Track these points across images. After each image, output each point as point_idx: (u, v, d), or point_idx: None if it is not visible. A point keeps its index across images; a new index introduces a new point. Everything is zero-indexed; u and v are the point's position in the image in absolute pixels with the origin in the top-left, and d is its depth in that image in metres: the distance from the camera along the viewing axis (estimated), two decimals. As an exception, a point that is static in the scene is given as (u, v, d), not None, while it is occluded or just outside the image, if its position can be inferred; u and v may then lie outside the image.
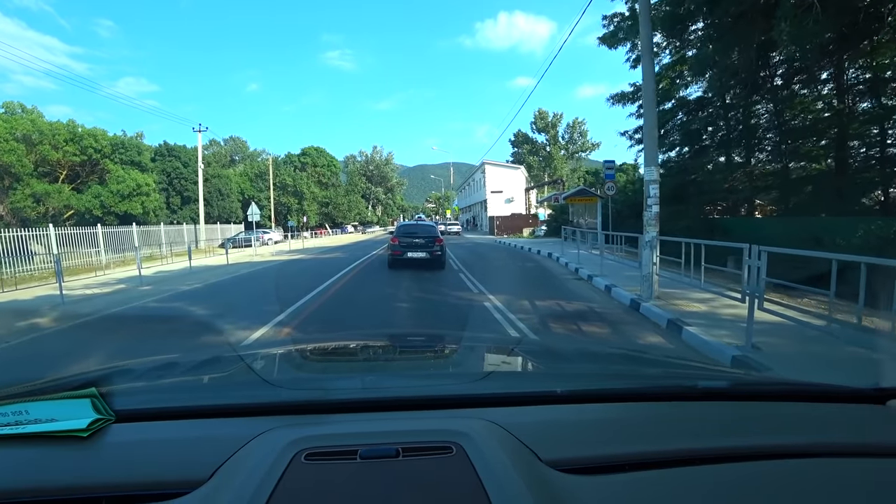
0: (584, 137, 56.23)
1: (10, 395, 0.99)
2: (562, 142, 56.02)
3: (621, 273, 10.24)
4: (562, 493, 0.72)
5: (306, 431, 0.87)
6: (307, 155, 58.77)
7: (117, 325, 7.08)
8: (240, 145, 71.60)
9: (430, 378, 1.45)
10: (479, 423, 0.89)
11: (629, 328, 6.11)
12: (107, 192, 26.42)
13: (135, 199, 27.09)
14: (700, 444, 0.90)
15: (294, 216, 50.81)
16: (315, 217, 55.34)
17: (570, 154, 56.35)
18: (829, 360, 4.18)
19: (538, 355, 1.86)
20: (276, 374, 1.50)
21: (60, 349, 5.69)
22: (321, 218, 57.99)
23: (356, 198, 64.65)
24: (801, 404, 1.09)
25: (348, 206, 60.20)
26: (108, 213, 26.20)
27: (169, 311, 8.01)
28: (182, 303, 8.70)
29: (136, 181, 26.63)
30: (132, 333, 6.48)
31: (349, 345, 2.02)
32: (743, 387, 1.29)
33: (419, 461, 0.79)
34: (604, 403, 1.07)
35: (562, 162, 54.79)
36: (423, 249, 12.89)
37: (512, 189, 46.06)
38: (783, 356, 4.39)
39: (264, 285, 11.47)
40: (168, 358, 1.66)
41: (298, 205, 51.39)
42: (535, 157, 55.64)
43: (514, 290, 9.12)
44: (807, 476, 0.81)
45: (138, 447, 0.86)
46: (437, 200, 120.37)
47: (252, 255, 22.16)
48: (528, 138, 57.03)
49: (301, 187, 50.92)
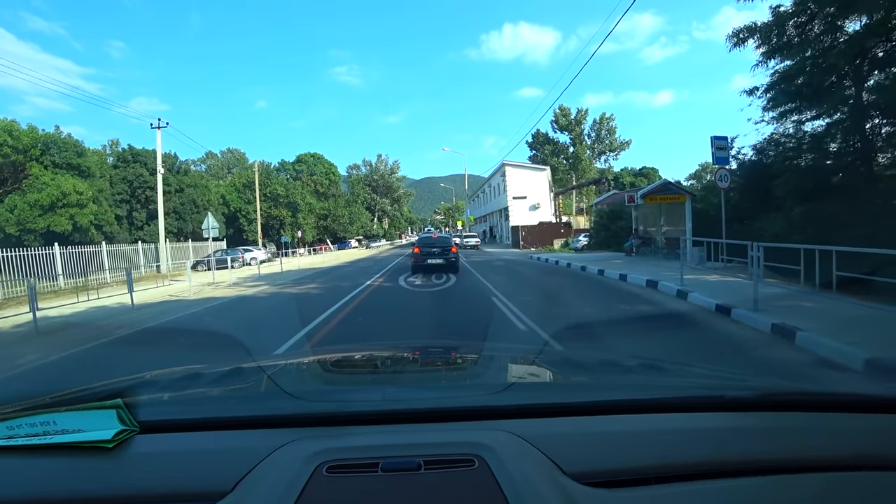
0: (612, 135, 49.83)
1: (38, 406, 1.01)
2: (587, 141, 49.67)
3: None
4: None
5: (328, 444, 0.86)
6: (303, 162, 52.66)
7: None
8: (238, 157, 66.06)
9: (452, 389, 1.42)
10: (502, 435, 0.88)
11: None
12: (23, 204, 20.14)
13: (60, 212, 20.76)
14: (728, 456, 0.87)
15: (288, 231, 44.71)
16: (312, 231, 49.06)
17: (596, 154, 49.93)
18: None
19: (560, 366, 1.82)
20: (298, 385, 1.48)
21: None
22: (319, 232, 51.71)
23: (359, 209, 57.74)
24: (834, 415, 1.03)
25: (349, 219, 53.54)
26: (26, 230, 19.94)
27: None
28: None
29: (60, 188, 20.35)
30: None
31: (370, 356, 1.99)
32: (772, 397, 1.18)
33: (441, 474, 0.77)
34: (629, 415, 1.02)
35: (589, 163, 48.38)
36: (441, 256, 14.43)
37: (537, 194, 39.60)
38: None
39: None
40: (191, 369, 1.64)
41: (292, 218, 45.19)
42: (558, 158, 49.16)
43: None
44: (843, 491, 0.78)
45: (162, 458, 0.86)
46: (446, 211, 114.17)
47: (210, 282, 16.03)
48: (549, 138, 50.73)
49: (295, 198, 44.70)
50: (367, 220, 61.79)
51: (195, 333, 7.63)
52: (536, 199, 39.28)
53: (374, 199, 71.11)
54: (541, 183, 40.19)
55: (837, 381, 4.25)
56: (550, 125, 50.45)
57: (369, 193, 70.13)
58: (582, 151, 47.75)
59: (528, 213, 38.42)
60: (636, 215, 19.60)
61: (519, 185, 39.49)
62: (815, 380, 4.24)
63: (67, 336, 7.43)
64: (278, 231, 44.98)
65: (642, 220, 19.51)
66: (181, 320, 8.75)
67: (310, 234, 48.66)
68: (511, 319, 6.89)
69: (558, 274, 14.22)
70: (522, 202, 39.10)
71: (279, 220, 45.02)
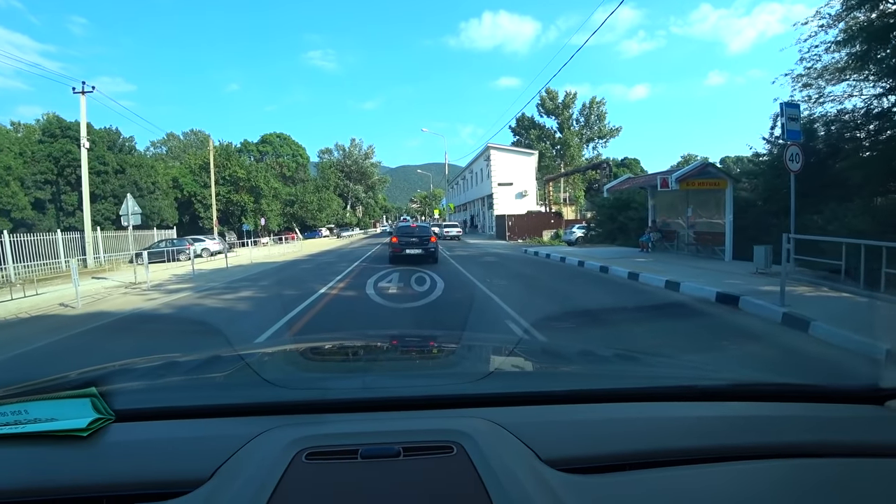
0: (602, 121, 46.98)
1: (9, 395, 0.98)
2: (575, 126, 46.69)
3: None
4: (563, 492, 0.71)
5: (307, 431, 0.86)
6: (268, 143, 47.95)
7: None
8: (202, 139, 60.23)
9: (431, 378, 1.40)
10: (480, 422, 0.88)
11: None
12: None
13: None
14: (700, 443, 0.89)
15: (250, 218, 40.50)
16: (277, 219, 44.72)
17: (584, 140, 47.02)
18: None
19: (538, 355, 1.85)
20: (277, 373, 1.47)
21: None
22: (285, 220, 47.37)
23: (329, 195, 52.78)
24: (800, 405, 1.08)
25: (319, 206, 49.02)
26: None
27: None
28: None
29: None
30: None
31: (350, 344, 1.99)
32: (742, 387, 1.23)
33: (419, 461, 0.78)
34: (604, 403, 1.05)
35: (578, 149, 45.47)
36: (420, 247, 13.95)
37: (524, 181, 36.47)
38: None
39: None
40: (168, 357, 1.58)
41: (255, 204, 40.85)
42: (545, 143, 45.99)
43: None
44: (807, 476, 0.82)
45: (138, 447, 0.85)
46: (422, 200, 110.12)
47: (131, 283, 12.44)
48: (535, 123, 47.55)
49: (258, 181, 40.28)
50: (339, 207, 57.22)
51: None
52: (523, 186, 36.19)
53: (348, 186, 66.47)
54: (528, 169, 37.05)
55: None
56: (536, 108, 47.13)
57: (342, 179, 65.41)
58: (571, 137, 44.70)
59: (514, 202, 35.33)
60: (653, 204, 16.65)
61: (505, 170, 36.25)
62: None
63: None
64: (239, 218, 40.73)
65: (660, 209, 16.58)
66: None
67: (274, 222, 44.40)
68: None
69: (577, 277, 11.07)
70: (508, 189, 35.93)
71: (240, 206, 40.67)
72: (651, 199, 16.59)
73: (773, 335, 5.39)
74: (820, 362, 4.45)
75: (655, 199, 16.54)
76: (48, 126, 27.94)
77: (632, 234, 19.10)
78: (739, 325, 5.87)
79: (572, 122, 46.69)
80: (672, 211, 16.03)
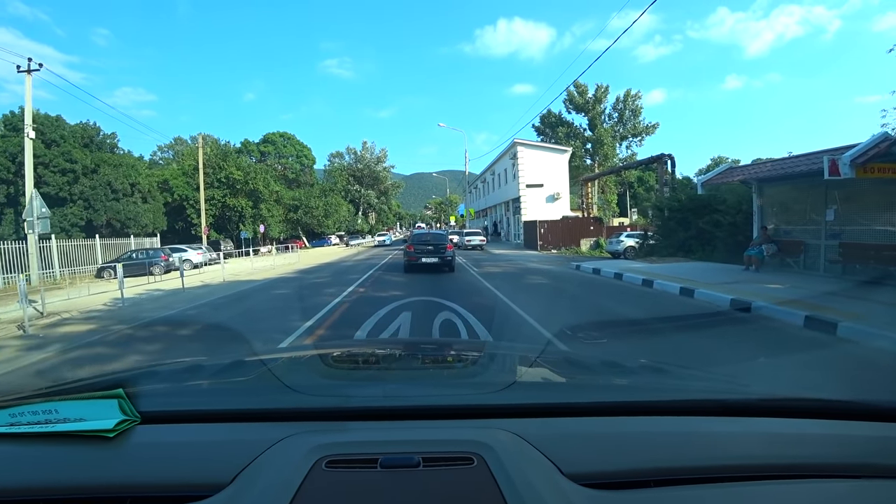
0: (636, 117, 42.25)
1: (41, 394, 1.00)
2: (608, 123, 42.07)
3: None
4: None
5: (327, 438, 0.85)
6: (270, 143, 43.95)
7: None
8: (210, 143, 56.66)
9: (452, 387, 1.37)
10: (501, 434, 0.86)
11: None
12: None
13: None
14: (727, 461, 0.85)
15: (248, 225, 36.57)
16: (279, 226, 40.66)
17: (617, 139, 42.34)
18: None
19: (562, 366, 1.76)
20: (299, 379, 1.40)
21: None
22: (288, 226, 43.27)
23: (336, 199, 48.26)
24: (835, 422, 1.00)
25: (325, 211, 44.83)
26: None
27: None
28: None
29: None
30: None
31: (371, 352, 1.97)
32: (774, 402, 1.15)
33: (439, 471, 0.77)
34: (629, 417, 1.00)
35: (612, 148, 40.85)
36: (436, 255, 13.72)
37: (555, 182, 31.83)
38: None
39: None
40: (194, 361, 1.62)
41: (253, 209, 36.89)
42: (575, 142, 41.35)
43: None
44: (842, 498, 0.77)
45: (162, 449, 0.86)
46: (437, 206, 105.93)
47: (50, 314, 8.30)
48: (563, 120, 43.04)
49: (257, 184, 36.35)
50: (348, 213, 52.95)
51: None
52: (555, 188, 31.56)
53: (359, 191, 62.48)
54: (560, 168, 32.40)
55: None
56: (563, 105, 42.70)
57: (353, 184, 61.40)
58: (604, 134, 40.05)
59: (545, 206, 30.75)
60: (760, 204, 12.07)
61: (534, 170, 31.64)
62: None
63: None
64: (237, 225, 36.83)
65: (770, 212, 12.00)
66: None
67: (276, 229, 40.37)
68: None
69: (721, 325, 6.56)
70: (538, 191, 31.33)
71: (238, 211, 36.76)
72: (758, 197, 12.02)
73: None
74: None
75: (764, 198, 11.99)
76: (10, 119, 24.36)
77: (718, 244, 14.46)
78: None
79: (604, 117, 42.15)
80: (789, 214, 11.44)
